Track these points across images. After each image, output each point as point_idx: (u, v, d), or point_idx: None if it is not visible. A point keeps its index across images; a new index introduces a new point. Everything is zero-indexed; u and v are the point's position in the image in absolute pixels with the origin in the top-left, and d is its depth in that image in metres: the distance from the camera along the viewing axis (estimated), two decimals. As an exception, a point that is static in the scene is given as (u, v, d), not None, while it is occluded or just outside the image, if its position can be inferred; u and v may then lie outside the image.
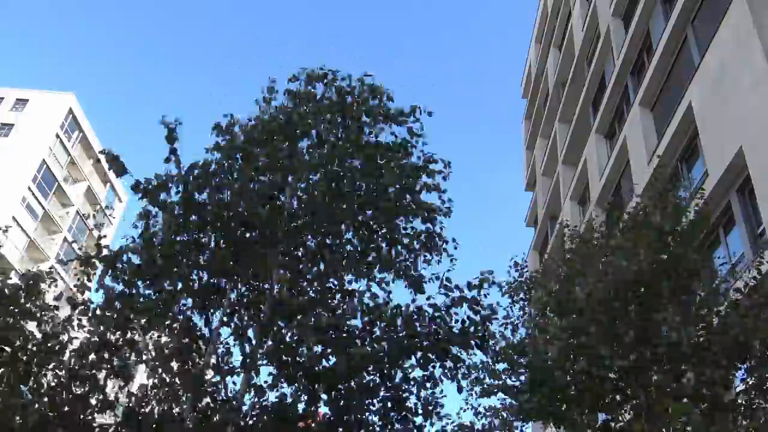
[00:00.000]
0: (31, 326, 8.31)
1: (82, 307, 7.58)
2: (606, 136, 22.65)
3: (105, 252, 7.41)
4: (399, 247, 8.05)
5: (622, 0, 21.59)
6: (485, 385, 9.37)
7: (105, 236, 7.96)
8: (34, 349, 7.87)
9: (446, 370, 7.45)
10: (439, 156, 8.26)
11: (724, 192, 12.84)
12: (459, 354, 7.39)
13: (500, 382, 9.28)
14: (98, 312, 7.45)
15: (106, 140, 52.25)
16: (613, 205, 18.96)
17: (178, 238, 7.27)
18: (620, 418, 8.34)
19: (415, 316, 7.45)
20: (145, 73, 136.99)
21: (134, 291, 7.31)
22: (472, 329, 7.35)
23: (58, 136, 45.45)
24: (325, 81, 8.44)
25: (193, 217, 7.29)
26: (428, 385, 7.45)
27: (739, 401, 7.64)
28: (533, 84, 35.76)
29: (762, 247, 10.67)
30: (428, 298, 7.62)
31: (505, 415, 9.66)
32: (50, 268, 9.27)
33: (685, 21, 15.94)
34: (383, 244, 8.06)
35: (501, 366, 9.46)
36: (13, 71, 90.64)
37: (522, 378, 9.23)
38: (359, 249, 7.95)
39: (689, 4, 15.63)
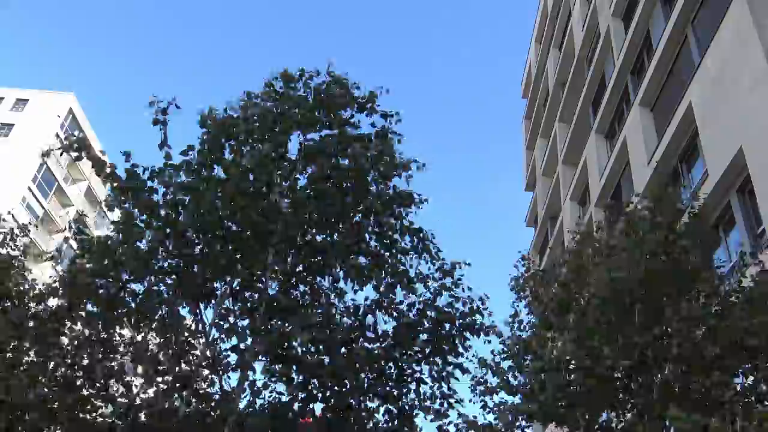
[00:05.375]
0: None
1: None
2: (606, 136, 22.63)
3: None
4: (387, 242, 8.13)
5: (622, 0, 21.58)
6: (488, 384, 9.34)
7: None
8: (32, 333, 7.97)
9: (448, 363, 7.59)
10: (417, 157, 8.46)
11: (724, 192, 12.82)
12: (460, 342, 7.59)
13: (503, 380, 9.25)
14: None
15: (107, 140, 52.31)
16: (612, 207, 18.94)
17: (161, 240, 7.31)
18: (622, 419, 8.32)
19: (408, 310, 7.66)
20: (145, 73, 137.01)
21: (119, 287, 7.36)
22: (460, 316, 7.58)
23: (58, 135, 45.44)
24: (302, 80, 8.48)
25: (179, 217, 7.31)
26: (430, 381, 7.55)
27: (737, 402, 7.63)
28: (533, 84, 35.75)
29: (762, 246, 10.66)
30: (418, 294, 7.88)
31: (509, 414, 9.60)
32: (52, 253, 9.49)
33: (685, 21, 15.93)
34: (372, 241, 8.14)
35: (506, 363, 9.44)
36: (13, 71, 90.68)
37: (524, 377, 9.19)
38: (347, 245, 8.01)
39: (689, 4, 15.62)
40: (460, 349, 7.83)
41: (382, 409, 7.39)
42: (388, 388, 7.36)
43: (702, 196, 9.89)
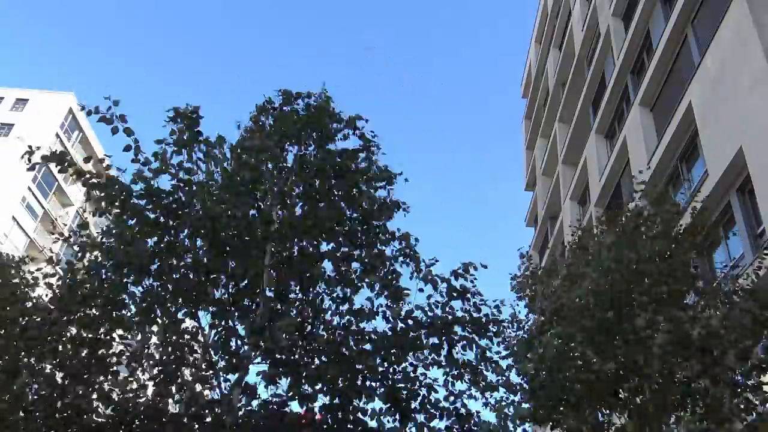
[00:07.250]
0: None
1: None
2: (606, 136, 22.64)
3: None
4: (376, 250, 8.22)
5: (622, 0, 21.59)
6: (488, 381, 9.33)
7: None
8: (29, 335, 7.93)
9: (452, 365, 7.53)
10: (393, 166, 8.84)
11: (724, 192, 12.82)
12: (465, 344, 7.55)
13: (503, 379, 9.24)
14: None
15: (107, 140, 52.29)
16: (612, 209, 18.95)
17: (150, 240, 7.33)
18: (615, 420, 8.34)
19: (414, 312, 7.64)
20: (145, 73, 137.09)
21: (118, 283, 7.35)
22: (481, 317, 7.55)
23: (58, 135, 45.41)
24: (304, 100, 8.79)
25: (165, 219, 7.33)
26: (437, 386, 7.50)
27: (736, 401, 7.62)
28: (533, 84, 35.76)
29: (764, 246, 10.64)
30: (429, 297, 7.81)
31: (508, 412, 9.59)
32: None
33: (685, 21, 15.92)
34: (361, 250, 8.23)
35: (505, 362, 9.45)
36: (13, 71, 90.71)
37: (524, 377, 9.19)
38: (338, 255, 8.18)
39: (689, 4, 15.61)
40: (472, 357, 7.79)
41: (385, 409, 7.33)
42: (393, 391, 7.28)
43: (695, 202, 9.90)
